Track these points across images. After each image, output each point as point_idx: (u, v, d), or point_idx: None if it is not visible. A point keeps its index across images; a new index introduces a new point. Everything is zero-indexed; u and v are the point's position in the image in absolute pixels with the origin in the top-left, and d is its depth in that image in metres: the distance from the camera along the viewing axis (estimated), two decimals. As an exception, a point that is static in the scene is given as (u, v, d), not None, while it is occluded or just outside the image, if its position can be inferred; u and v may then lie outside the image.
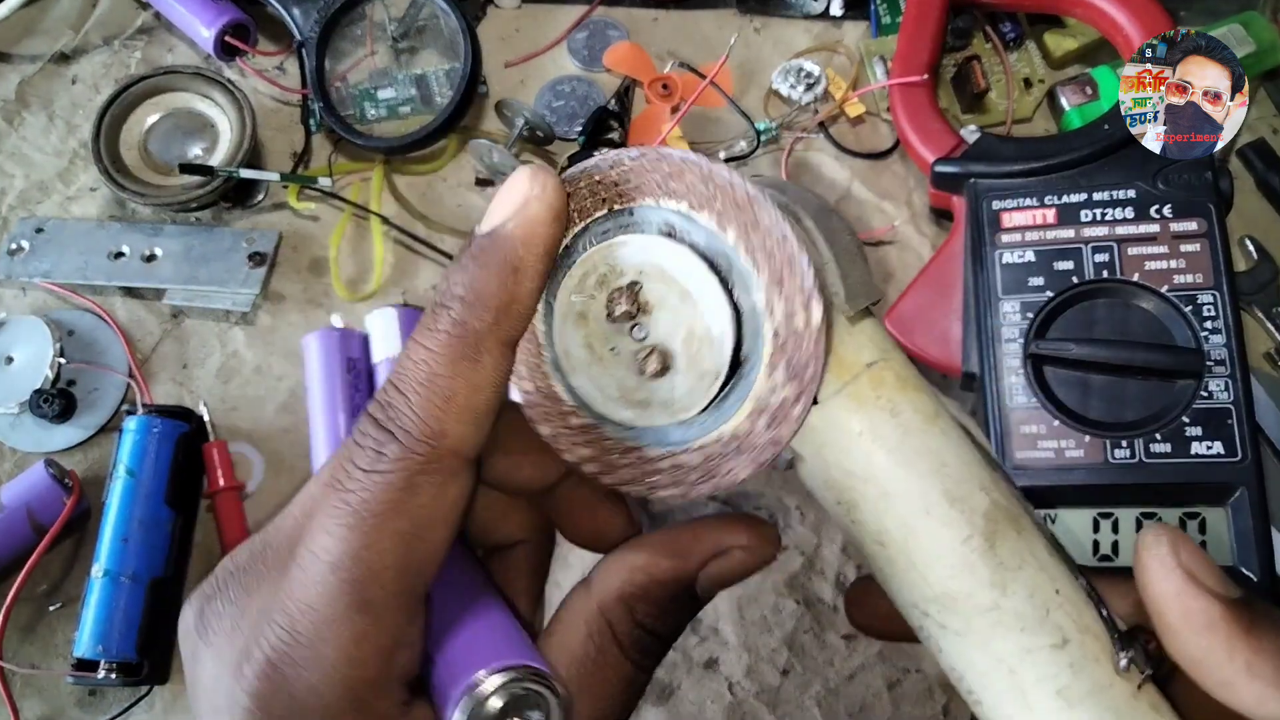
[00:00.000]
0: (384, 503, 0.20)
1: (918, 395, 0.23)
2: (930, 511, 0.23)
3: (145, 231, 0.53)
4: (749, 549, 0.24)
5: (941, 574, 0.23)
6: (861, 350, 0.23)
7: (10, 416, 0.50)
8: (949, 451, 0.23)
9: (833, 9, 0.58)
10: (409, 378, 0.21)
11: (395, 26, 0.57)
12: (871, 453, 0.23)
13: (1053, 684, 0.22)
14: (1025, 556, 0.23)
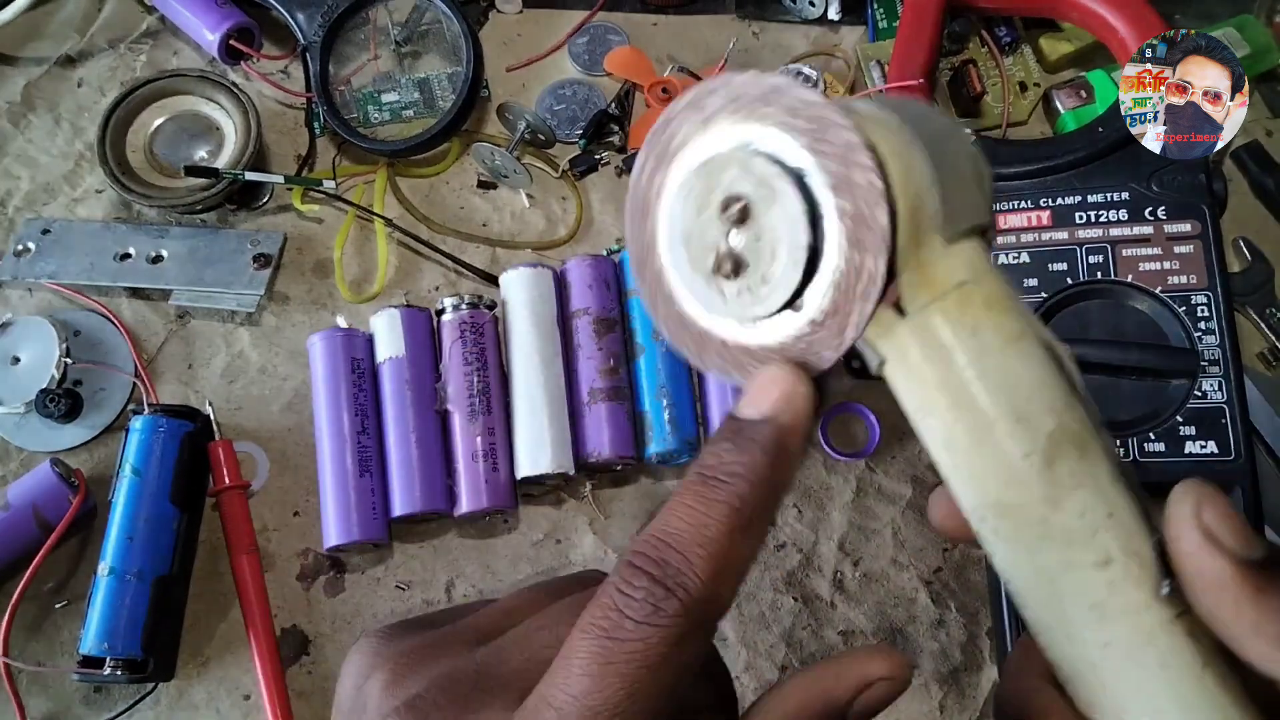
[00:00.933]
0: (656, 655, 0.21)
1: (1003, 318, 0.24)
2: (994, 427, 0.24)
3: (151, 233, 0.54)
4: (891, 679, 0.24)
5: (998, 484, 0.24)
6: (954, 271, 0.25)
7: (17, 416, 0.50)
8: (1024, 373, 0.24)
9: (830, 13, 0.58)
10: (686, 540, 0.22)
11: (398, 31, 0.57)
12: (948, 366, 0.25)
13: (1088, 598, 0.24)
14: (1083, 479, 0.24)
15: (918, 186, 0.24)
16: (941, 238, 0.25)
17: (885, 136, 0.24)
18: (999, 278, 0.25)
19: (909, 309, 0.25)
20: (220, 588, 0.48)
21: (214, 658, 0.47)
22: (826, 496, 0.49)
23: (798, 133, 0.24)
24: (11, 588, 0.46)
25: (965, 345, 0.24)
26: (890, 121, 0.25)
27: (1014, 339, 0.25)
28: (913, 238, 0.24)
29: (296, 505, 0.50)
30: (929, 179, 0.24)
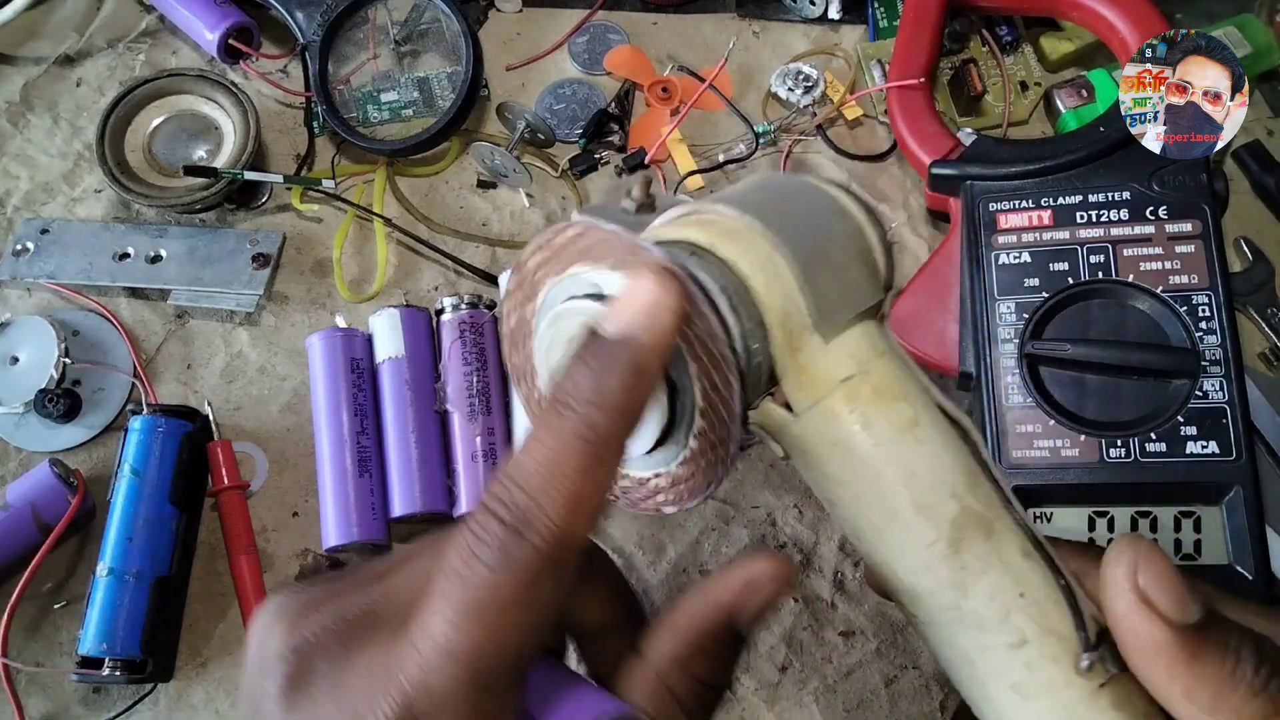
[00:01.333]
0: (509, 597, 0.21)
1: (895, 404, 0.24)
2: (896, 517, 0.24)
3: (150, 233, 0.54)
4: (773, 575, 0.25)
5: (907, 572, 0.24)
6: (837, 367, 0.24)
7: (15, 416, 0.50)
8: (922, 460, 0.24)
9: (831, 13, 0.58)
10: (534, 477, 0.21)
11: (398, 30, 0.57)
12: (843, 462, 0.25)
13: (1007, 679, 0.24)
14: (991, 561, 0.24)
15: (785, 295, 0.23)
16: (819, 337, 0.24)
17: (746, 250, 0.24)
18: (890, 363, 0.25)
19: (798, 409, 0.25)
20: (220, 588, 0.48)
21: (213, 658, 0.47)
22: (827, 497, 0.49)
23: (622, 271, 0.23)
24: (11, 588, 0.45)
25: (858, 439, 0.24)
26: (754, 229, 0.24)
27: (908, 426, 0.24)
28: (787, 344, 0.24)
29: (296, 505, 0.49)
30: (798, 285, 0.24)
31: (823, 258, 0.25)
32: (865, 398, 0.24)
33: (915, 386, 0.25)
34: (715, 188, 0.55)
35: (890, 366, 0.25)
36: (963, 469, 0.24)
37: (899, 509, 0.24)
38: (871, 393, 0.24)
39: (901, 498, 0.24)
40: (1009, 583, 0.24)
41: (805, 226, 0.25)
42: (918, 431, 0.24)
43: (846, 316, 0.25)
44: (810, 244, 0.25)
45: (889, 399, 0.24)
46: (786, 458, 0.26)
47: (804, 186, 0.27)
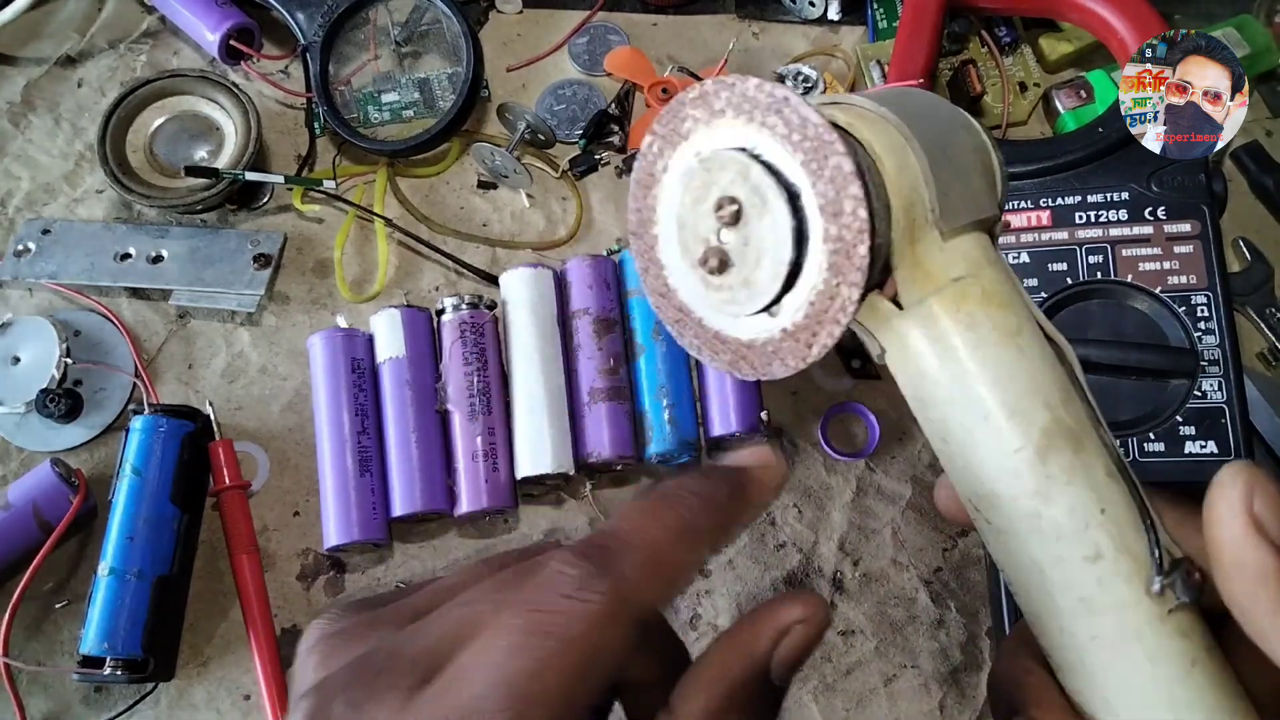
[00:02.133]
0: (577, 632, 0.21)
1: (1001, 312, 0.25)
2: (988, 419, 0.25)
3: (151, 233, 0.54)
4: (807, 620, 0.24)
5: (991, 476, 0.25)
6: (950, 265, 0.25)
7: (17, 416, 0.50)
8: (1020, 367, 0.25)
9: (830, 14, 0.59)
10: (630, 534, 0.23)
11: (398, 31, 0.57)
12: (943, 360, 0.25)
13: (1077, 592, 0.24)
14: (1076, 474, 0.24)
15: (912, 184, 0.24)
16: (938, 233, 0.25)
17: (881, 134, 0.25)
18: (1000, 272, 0.26)
19: (906, 302, 0.25)
20: (220, 588, 0.48)
21: (214, 658, 0.47)
22: (826, 496, 0.49)
23: (797, 149, 0.24)
24: (11, 588, 0.46)
25: (961, 339, 0.25)
26: (888, 118, 0.25)
27: (1011, 333, 0.25)
28: (907, 234, 0.24)
29: (296, 505, 0.50)
30: (924, 176, 0.24)
31: (950, 160, 0.26)
32: (974, 299, 0.25)
33: (1021, 300, 0.26)
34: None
35: (1000, 274, 0.26)
36: (1058, 383, 0.25)
37: (991, 411, 0.24)
38: (981, 295, 0.25)
39: (995, 400, 0.24)
40: (1092, 497, 0.24)
41: (936, 129, 0.26)
42: (1020, 339, 0.25)
43: (966, 219, 0.25)
44: (940, 145, 0.25)
45: (996, 305, 0.25)
46: (882, 354, 0.26)
47: (935, 100, 0.28)
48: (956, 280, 0.25)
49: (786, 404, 0.51)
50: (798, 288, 0.24)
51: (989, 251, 0.26)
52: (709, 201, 0.25)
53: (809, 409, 0.51)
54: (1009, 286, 0.26)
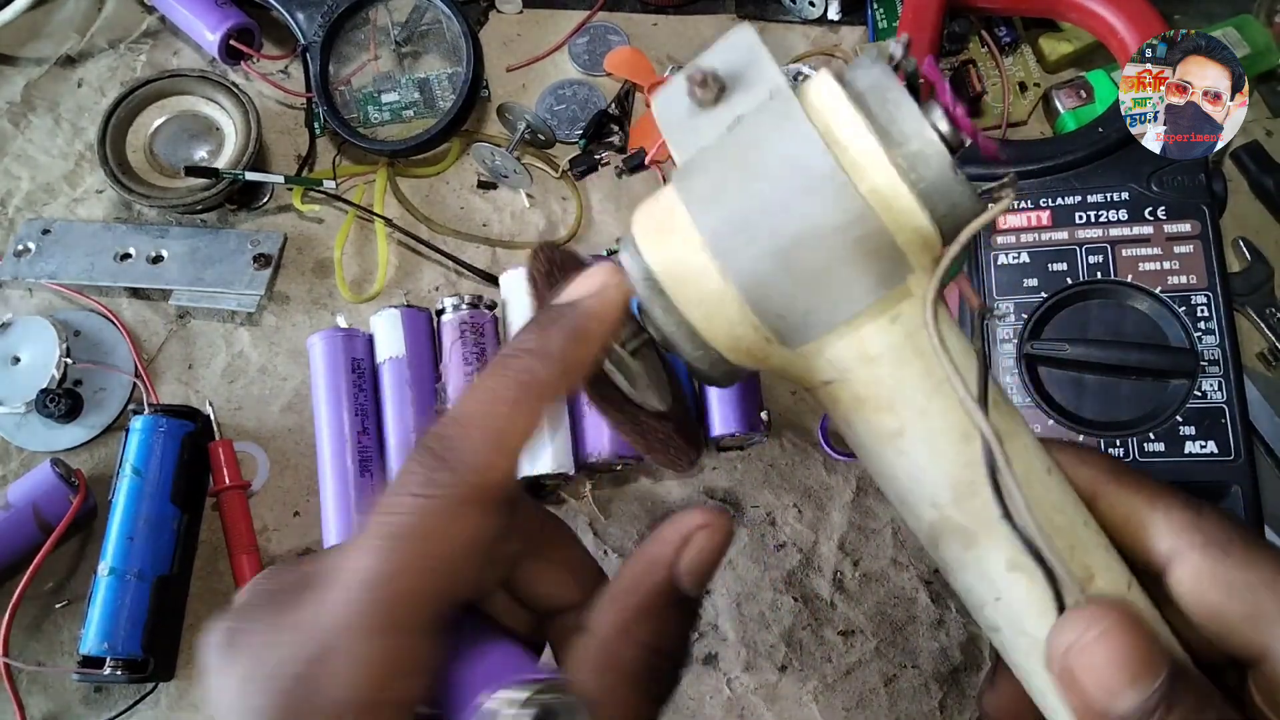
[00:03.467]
0: (427, 528, 0.21)
1: (875, 415, 0.24)
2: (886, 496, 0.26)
3: (151, 233, 0.54)
4: (708, 526, 0.24)
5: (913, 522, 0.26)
6: (815, 371, 0.24)
7: (17, 416, 0.50)
8: (900, 470, 0.24)
9: (830, 13, 0.58)
10: (469, 414, 0.22)
11: (398, 31, 0.57)
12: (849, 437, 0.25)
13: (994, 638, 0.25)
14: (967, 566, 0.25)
15: (729, 326, 0.23)
16: (785, 349, 0.24)
17: (690, 290, 0.23)
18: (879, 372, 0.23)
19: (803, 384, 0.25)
20: (221, 587, 0.48)
21: (214, 658, 0.47)
22: (826, 496, 0.49)
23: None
24: (11, 588, 0.46)
25: (846, 432, 0.25)
26: (705, 270, 0.23)
27: (889, 437, 0.24)
28: (749, 359, 0.24)
29: (296, 505, 0.50)
30: (748, 317, 0.23)
31: (793, 271, 0.22)
32: (845, 404, 0.24)
33: (917, 391, 0.23)
34: (715, 188, 0.55)
35: (877, 374, 0.23)
36: (953, 480, 0.23)
37: (889, 494, 0.25)
38: (852, 400, 0.24)
39: (887, 489, 0.25)
40: (984, 587, 0.24)
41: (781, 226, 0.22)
42: (900, 443, 0.24)
43: (821, 331, 0.23)
44: (779, 253, 0.22)
45: (870, 409, 0.24)
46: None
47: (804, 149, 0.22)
48: (825, 384, 0.24)
49: (787, 404, 0.51)
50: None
51: (866, 348, 0.23)
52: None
53: (809, 409, 0.51)
54: (891, 384, 0.23)
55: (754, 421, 0.48)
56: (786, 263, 0.22)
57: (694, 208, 0.22)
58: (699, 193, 0.23)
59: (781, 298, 0.22)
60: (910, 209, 0.22)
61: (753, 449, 0.50)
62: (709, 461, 0.50)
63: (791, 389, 0.51)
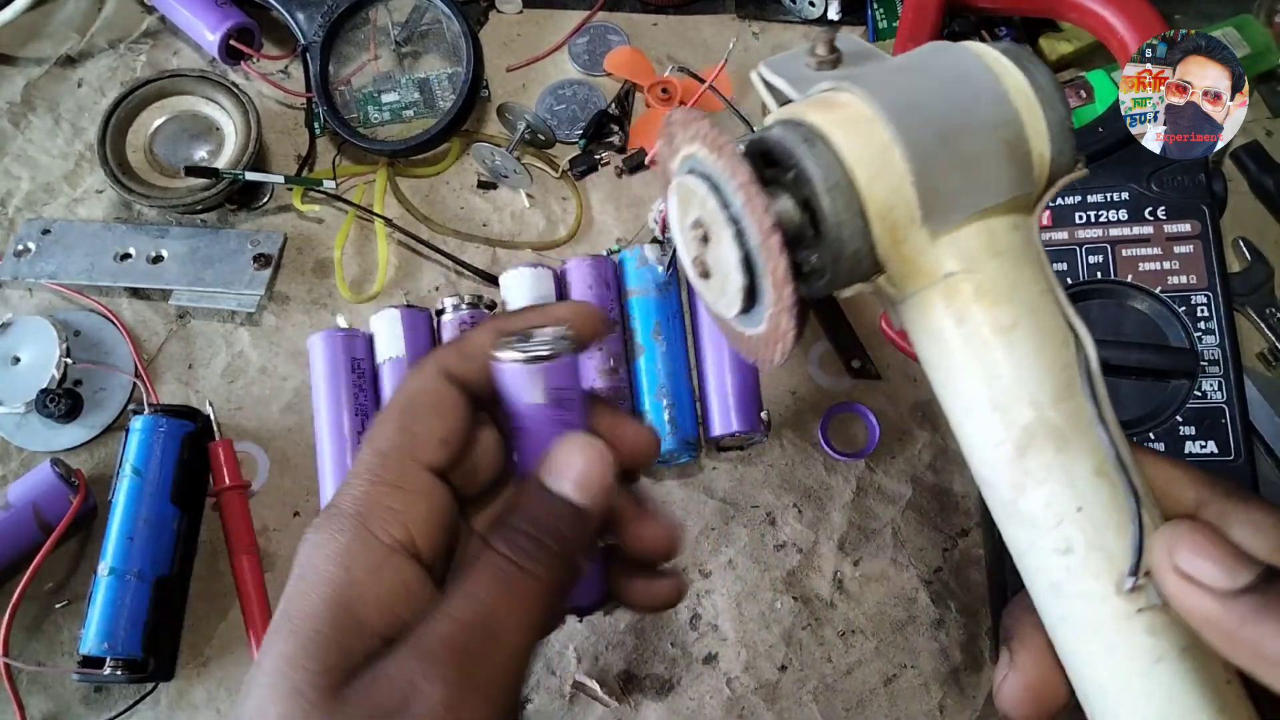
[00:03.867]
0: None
1: (994, 308, 0.25)
2: (971, 411, 0.25)
3: (151, 233, 0.54)
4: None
5: (976, 460, 0.26)
6: (942, 261, 0.25)
7: (17, 416, 0.50)
8: (1008, 365, 0.25)
9: (830, 13, 0.59)
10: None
11: (398, 31, 0.57)
12: (934, 350, 0.26)
13: (1047, 576, 0.25)
14: (1055, 471, 0.24)
15: (891, 189, 0.24)
16: (926, 232, 0.25)
17: (858, 140, 0.24)
18: (1004, 264, 0.25)
19: (902, 292, 0.26)
20: (221, 587, 0.48)
21: (214, 658, 0.47)
22: (826, 496, 0.49)
23: (736, 192, 0.25)
24: (12, 587, 0.46)
25: (951, 332, 0.25)
26: (877, 116, 0.24)
27: (1003, 330, 0.25)
28: (888, 235, 0.25)
29: (296, 505, 0.50)
30: (910, 179, 0.24)
31: (950, 151, 0.25)
32: (965, 296, 0.25)
33: (1030, 290, 0.25)
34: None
35: (1002, 267, 0.25)
36: (1054, 380, 0.25)
37: (976, 405, 0.25)
38: (972, 292, 0.25)
39: (980, 395, 0.25)
40: (1068, 495, 0.24)
41: (946, 112, 0.25)
42: (1013, 336, 0.25)
43: (966, 212, 0.25)
44: (940, 134, 0.24)
45: (989, 301, 0.25)
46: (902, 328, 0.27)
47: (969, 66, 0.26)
48: (948, 276, 0.25)
49: (787, 404, 0.51)
50: (760, 303, 0.26)
51: (996, 241, 0.25)
52: (689, 217, 0.27)
53: (809, 409, 0.51)
54: (1011, 279, 0.25)
55: (754, 421, 0.48)
56: (948, 142, 0.24)
57: (868, 90, 0.25)
58: (871, 82, 0.25)
59: (940, 172, 0.24)
60: (1041, 133, 0.25)
61: (753, 449, 0.50)
62: (709, 461, 0.50)
63: (792, 389, 0.51)
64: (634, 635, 0.47)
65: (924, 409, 0.50)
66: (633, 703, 0.46)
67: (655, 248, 0.51)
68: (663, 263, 0.50)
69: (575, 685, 0.46)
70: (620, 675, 0.46)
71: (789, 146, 0.24)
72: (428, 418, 0.27)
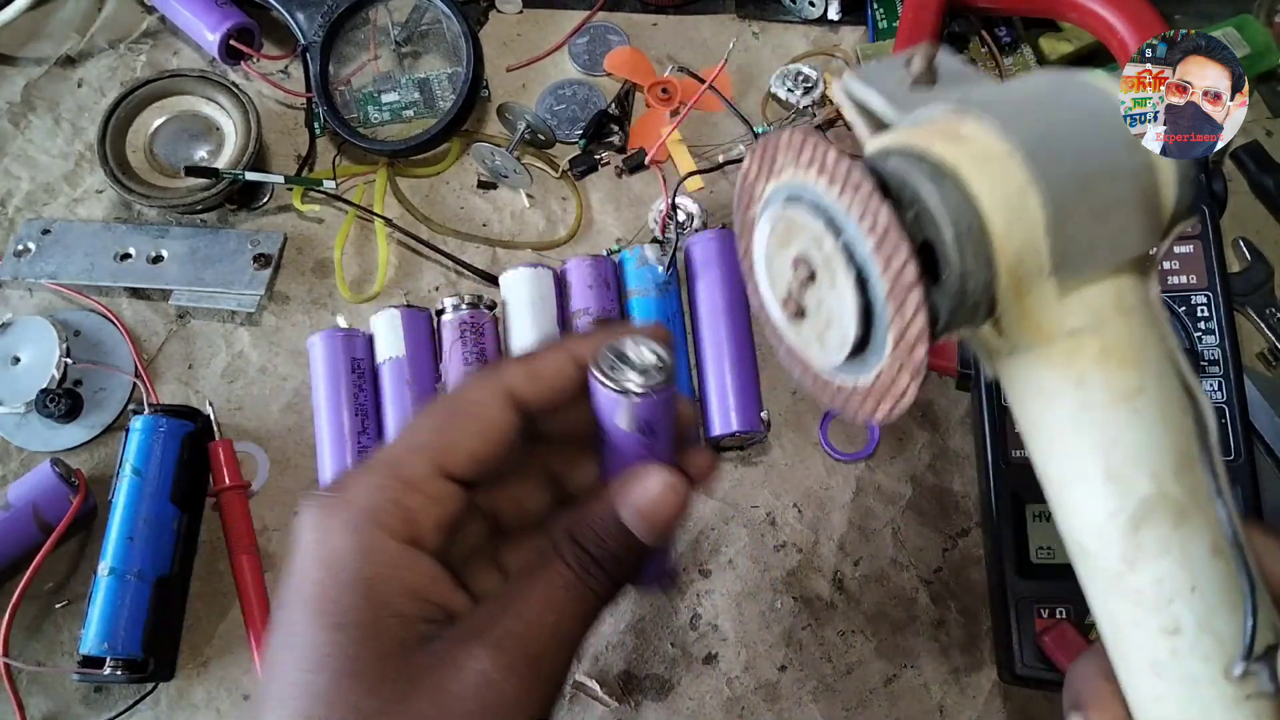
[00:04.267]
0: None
1: (1120, 371, 0.23)
2: (1084, 478, 0.23)
3: (151, 233, 0.54)
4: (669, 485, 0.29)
5: (1080, 528, 0.24)
6: (1067, 318, 0.23)
7: (17, 416, 0.50)
8: (1130, 433, 0.23)
9: (830, 13, 0.59)
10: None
11: (398, 31, 0.57)
12: (1045, 410, 0.24)
13: (1148, 657, 0.23)
14: (1170, 548, 0.23)
15: (1025, 238, 0.21)
16: (1054, 286, 0.22)
17: (994, 181, 0.21)
18: (1132, 323, 0.23)
19: (1013, 345, 0.23)
20: (221, 587, 0.48)
21: (214, 658, 0.47)
22: (826, 496, 0.49)
23: (869, 234, 0.22)
24: (12, 587, 0.46)
25: (1068, 396, 0.23)
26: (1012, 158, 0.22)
27: (1128, 395, 0.23)
28: (1013, 288, 0.22)
29: (296, 505, 0.50)
30: (1043, 227, 0.21)
31: (1088, 198, 0.22)
32: (1089, 356, 0.23)
33: (1155, 353, 0.23)
34: (715, 188, 0.55)
35: (1130, 327, 0.23)
36: (1175, 451, 0.23)
37: (1089, 472, 0.23)
38: (1099, 352, 0.23)
39: (1095, 463, 0.23)
40: (1183, 574, 0.23)
41: (1080, 155, 0.22)
42: (1138, 402, 0.23)
43: (1098, 267, 0.23)
44: (1078, 178, 0.22)
45: (1116, 363, 0.23)
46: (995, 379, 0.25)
47: (1100, 103, 0.24)
48: (1072, 333, 0.23)
49: (787, 404, 0.51)
50: (866, 356, 0.23)
51: (1125, 297, 0.23)
52: (789, 252, 0.24)
53: (809, 409, 0.51)
54: (1139, 340, 0.23)
55: (754, 421, 0.48)
56: (1085, 189, 0.22)
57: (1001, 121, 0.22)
58: (1000, 111, 0.22)
59: (1076, 221, 0.22)
60: (1170, 183, 0.24)
61: (753, 449, 0.50)
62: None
63: (792, 389, 0.51)
64: (634, 635, 0.47)
65: (924, 409, 0.50)
66: (633, 703, 0.46)
67: (655, 247, 0.51)
68: (663, 262, 0.50)
69: (575, 685, 0.46)
70: (620, 675, 0.46)
71: (913, 184, 0.21)
72: (469, 431, 0.27)
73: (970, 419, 0.50)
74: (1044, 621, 0.42)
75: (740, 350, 0.49)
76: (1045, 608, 0.42)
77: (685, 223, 0.53)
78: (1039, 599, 0.42)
